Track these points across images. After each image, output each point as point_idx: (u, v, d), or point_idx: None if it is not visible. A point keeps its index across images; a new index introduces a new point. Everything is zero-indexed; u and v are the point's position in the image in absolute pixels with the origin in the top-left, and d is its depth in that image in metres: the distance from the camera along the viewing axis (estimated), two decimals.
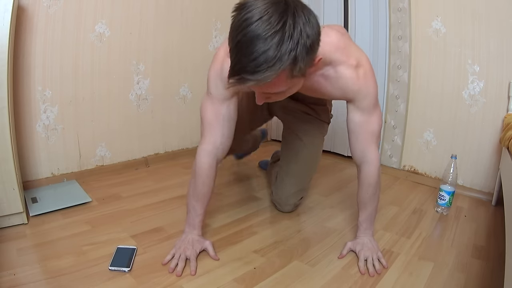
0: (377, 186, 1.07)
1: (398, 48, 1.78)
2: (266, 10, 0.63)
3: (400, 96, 1.82)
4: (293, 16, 0.63)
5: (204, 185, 1.05)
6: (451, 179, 1.41)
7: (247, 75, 0.65)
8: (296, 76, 0.70)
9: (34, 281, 0.91)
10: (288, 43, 0.63)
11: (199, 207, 1.07)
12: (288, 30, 0.62)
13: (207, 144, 1.02)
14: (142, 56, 1.78)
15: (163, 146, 1.99)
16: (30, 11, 1.36)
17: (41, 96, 1.47)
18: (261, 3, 0.64)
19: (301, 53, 0.65)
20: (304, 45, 0.65)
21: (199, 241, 1.07)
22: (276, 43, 0.62)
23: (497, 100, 1.52)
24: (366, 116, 0.99)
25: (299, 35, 0.64)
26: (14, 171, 1.12)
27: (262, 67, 0.63)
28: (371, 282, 0.98)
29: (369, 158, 1.04)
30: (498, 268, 1.05)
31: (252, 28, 0.62)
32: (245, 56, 0.64)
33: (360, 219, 1.12)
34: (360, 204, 1.11)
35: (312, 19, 0.67)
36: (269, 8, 0.63)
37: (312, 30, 0.66)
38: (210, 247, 1.07)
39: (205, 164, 1.03)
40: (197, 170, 1.04)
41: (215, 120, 1.00)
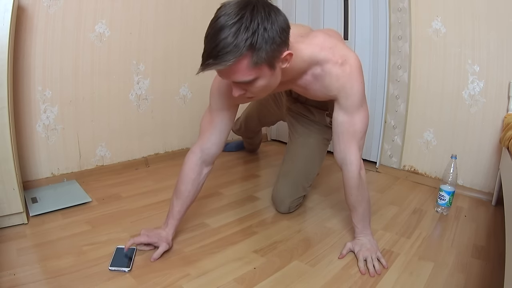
0: (360, 188, 1.06)
1: (398, 48, 1.78)
2: (235, 7, 0.73)
3: (400, 96, 1.82)
4: (251, 11, 0.72)
5: (182, 183, 1.07)
6: (451, 179, 1.41)
7: (211, 60, 0.74)
8: (259, 65, 0.77)
9: (34, 281, 0.91)
10: (244, 32, 0.72)
11: (176, 203, 1.08)
12: (245, 22, 0.71)
13: (195, 146, 1.10)
14: (142, 56, 1.78)
15: (163, 146, 1.99)
16: (30, 11, 1.36)
17: (41, 96, 1.47)
18: (232, 3, 0.74)
19: (259, 42, 0.73)
20: (262, 35, 0.73)
21: (159, 234, 1.06)
22: (233, 32, 0.71)
23: (497, 100, 1.52)
24: (349, 116, 0.99)
25: (256, 27, 0.72)
26: (14, 171, 1.12)
27: (221, 52, 0.72)
28: (371, 282, 0.98)
29: (349, 160, 1.03)
30: (498, 268, 1.05)
31: (218, 21, 0.73)
32: (210, 44, 0.74)
33: (353, 221, 1.13)
34: (350, 206, 1.12)
35: (273, 15, 0.75)
36: (235, 6, 0.73)
37: (270, 24, 0.74)
38: (161, 249, 1.03)
39: (187, 162, 1.09)
40: (181, 168, 1.09)
41: (207, 126, 1.08)
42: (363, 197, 1.08)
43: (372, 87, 1.96)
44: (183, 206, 1.09)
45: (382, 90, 1.91)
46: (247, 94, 0.86)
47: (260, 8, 0.74)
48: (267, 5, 0.76)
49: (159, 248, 1.03)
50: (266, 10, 0.75)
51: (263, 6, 0.75)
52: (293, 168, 1.37)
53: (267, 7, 0.75)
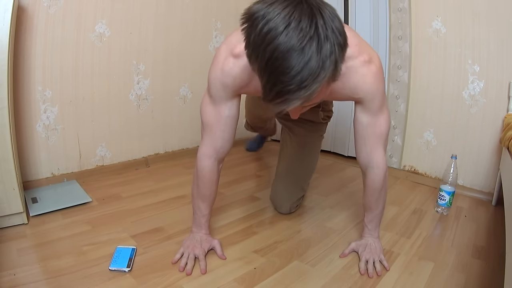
0: (384, 190, 1.05)
1: (398, 48, 1.78)
2: (290, 15, 0.54)
3: (400, 96, 1.82)
4: (321, 15, 0.55)
5: (207, 188, 1.05)
6: (451, 179, 1.41)
7: (292, 95, 0.57)
8: (335, 80, 0.63)
9: (34, 281, 0.91)
10: (327, 46, 0.55)
11: (204, 207, 1.07)
12: (323, 32, 0.55)
13: (207, 148, 1.00)
14: (142, 56, 1.78)
15: (163, 146, 1.99)
16: (30, 11, 1.36)
17: (41, 96, 1.47)
18: (278, 9, 0.55)
19: (339, 53, 0.58)
20: (339, 43, 0.58)
21: (207, 240, 1.08)
22: (315, 51, 0.54)
23: (497, 100, 1.52)
24: (375, 117, 0.94)
25: (332, 34, 0.56)
26: (14, 171, 1.12)
27: (307, 82, 0.56)
28: (371, 282, 0.98)
29: (376, 163, 1.00)
30: (498, 268, 1.05)
31: (282, 40, 0.54)
32: (283, 74, 0.55)
33: (365, 220, 1.12)
34: (366, 206, 1.10)
35: (334, 10, 0.59)
36: (292, 12, 0.54)
37: (339, 23, 0.58)
38: (218, 246, 1.07)
39: (206, 167, 1.02)
40: (199, 174, 1.03)
41: (215, 123, 0.97)
42: (383, 200, 1.07)
43: None
44: (209, 206, 1.09)
45: None
46: (303, 111, 0.75)
47: (321, 5, 0.57)
48: None
49: (216, 248, 1.07)
50: (326, 5, 0.58)
51: (320, 1, 0.58)
52: (291, 170, 1.36)
53: (321, 1, 0.58)
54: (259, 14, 0.56)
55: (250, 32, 0.58)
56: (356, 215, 1.39)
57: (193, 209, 1.10)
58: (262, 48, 0.56)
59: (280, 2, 0.56)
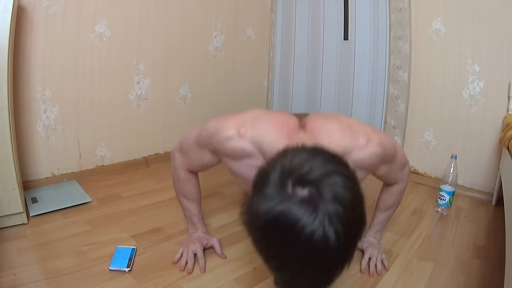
0: (401, 194, 1.07)
1: (398, 48, 1.78)
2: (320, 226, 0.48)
3: (400, 96, 1.82)
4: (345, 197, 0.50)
5: (189, 188, 1.06)
6: (451, 179, 1.41)
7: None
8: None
9: (34, 281, 0.91)
10: (352, 243, 0.52)
11: (192, 207, 1.08)
12: (353, 231, 0.51)
13: (182, 165, 1.02)
14: (142, 56, 1.78)
15: (163, 146, 1.99)
16: (30, 11, 1.36)
17: (41, 96, 1.47)
18: (300, 214, 0.48)
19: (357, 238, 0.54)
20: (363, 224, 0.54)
21: (205, 237, 1.09)
22: (344, 251, 0.51)
23: (497, 100, 1.52)
24: (389, 164, 0.91)
25: (356, 226, 0.52)
26: (14, 171, 1.12)
27: (333, 278, 0.54)
28: (372, 282, 0.98)
29: (401, 179, 1.02)
30: (498, 268, 1.05)
31: (317, 241, 0.48)
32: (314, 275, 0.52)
33: (375, 220, 1.12)
34: (380, 207, 1.10)
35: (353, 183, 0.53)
36: (309, 212, 0.48)
37: (359, 203, 0.53)
38: (217, 245, 1.08)
39: (184, 175, 1.03)
40: (178, 179, 1.05)
41: (194, 158, 0.97)
42: (397, 204, 1.09)
43: (372, 87, 1.96)
44: (197, 205, 1.10)
45: (382, 90, 1.91)
46: None
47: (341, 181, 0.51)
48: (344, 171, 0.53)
49: (216, 246, 1.07)
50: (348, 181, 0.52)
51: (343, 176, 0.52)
52: None
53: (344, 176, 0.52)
54: (282, 211, 0.49)
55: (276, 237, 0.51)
56: None
57: (183, 212, 1.11)
58: (287, 248, 0.50)
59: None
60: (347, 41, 2.01)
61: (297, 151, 0.56)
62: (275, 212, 0.49)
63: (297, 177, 0.51)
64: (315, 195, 0.49)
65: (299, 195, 0.49)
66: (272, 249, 0.53)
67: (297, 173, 0.51)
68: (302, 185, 0.50)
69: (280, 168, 0.52)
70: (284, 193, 0.50)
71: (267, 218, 0.50)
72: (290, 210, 0.48)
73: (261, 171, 0.56)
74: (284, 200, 0.49)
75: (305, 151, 0.56)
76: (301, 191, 0.49)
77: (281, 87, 2.48)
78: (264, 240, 0.53)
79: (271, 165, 0.54)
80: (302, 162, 0.52)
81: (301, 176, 0.50)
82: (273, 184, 0.51)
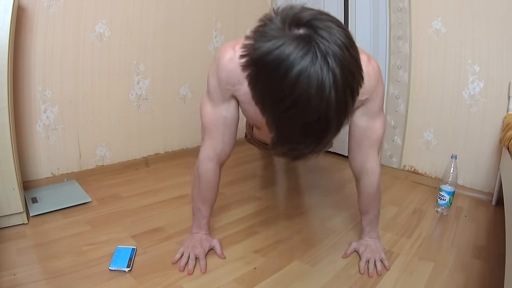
0: (378, 192, 1.06)
1: (398, 48, 1.78)
2: (303, 56, 0.50)
3: (400, 96, 1.82)
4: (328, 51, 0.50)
5: (208, 190, 1.05)
6: (451, 179, 1.41)
7: (307, 156, 0.57)
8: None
9: (34, 281, 0.91)
10: (349, 89, 0.53)
11: (205, 209, 1.08)
12: (348, 74, 0.52)
13: (209, 150, 0.99)
14: (142, 56, 1.78)
15: (163, 146, 1.99)
16: (30, 11, 1.36)
17: (41, 96, 1.47)
18: (289, 46, 0.50)
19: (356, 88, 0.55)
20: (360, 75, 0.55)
21: (207, 239, 1.08)
22: (342, 97, 0.51)
23: (497, 100, 1.52)
24: (372, 121, 0.92)
25: (352, 73, 0.53)
26: (14, 171, 1.12)
27: (333, 134, 0.55)
28: (372, 282, 0.98)
29: (370, 168, 0.99)
30: (498, 268, 1.05)
31: (305, 89, 0.49)
32: (313, 128, 0.53)
33: (363, 223, 1.12)
34: (362, 210, 1.10)
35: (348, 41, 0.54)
36: (304, 51, 0.50)
37: (352, 59, 0.53)
38: (218, 246, 1.08)
39: (208, 170, 1.01)
40: (201, 176, 1.03)
41: (214, 126, 0.95)
42: (378, 202, 1.08)
43: None
44: (210, 208, 1.09)
45: None
46: None
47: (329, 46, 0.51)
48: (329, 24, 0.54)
49: (216, 247, 1.07)
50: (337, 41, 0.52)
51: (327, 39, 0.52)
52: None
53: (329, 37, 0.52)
54: (276, 54, 0.51)
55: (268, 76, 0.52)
56: (356, 215, 1.38)
57: (193, 211, 1.10)
58: (280, 97, 0.52)
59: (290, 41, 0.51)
60: None
61: (297, 6, 0.58)
62: (270, 46, 0.51)
63: (294, 19, 0.53)
64: (312, 33, 0.51)
65: (295, 33, 0.52)
66: (268, 89, 0.53)
67: (294, 16, 0.53)
68: (298, 25, 0.52)
69: (281, 13, 0.55)
70: (281, 31, 0.52)
71: (261, 52, 0.52)
72: (284, 46, 0.50)
73: (264, 16, 0.57)
74: (280, 37, 0.51)
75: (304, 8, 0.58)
76: (297, 30, 0.52)
77: None
78: (259, 77, 0.54)
79: (273, 12, 0.56)
80: (301, 11, 0.54)
81: (298, 18, 0.53)
82: (273, 25, 0.53)
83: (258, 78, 0.55)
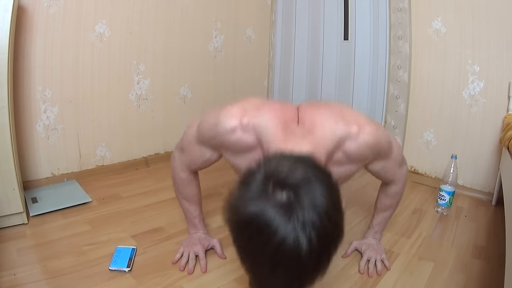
0: (401, 195, 1.06)
1: (398, 48, 1.78)
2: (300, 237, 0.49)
3: (400, 96, 1.82)
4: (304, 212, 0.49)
5: (190, 189, 1.05)
6: (451, 179, 1.41)
7: None
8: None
9: (34, 281, 0.91)
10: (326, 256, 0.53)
11: (193, 208, 1.08)
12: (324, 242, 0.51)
13: (181, 164, 1.00)
14: (142, 56, 1.78)
15: (163, 146, 1.99)
16: (30, 11, 1.36)
17: (41, 96, 1.47)
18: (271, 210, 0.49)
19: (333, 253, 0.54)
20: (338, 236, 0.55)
21: (206, 238, 1.09)
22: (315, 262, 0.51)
23: (497, 100, 1.52)
24: (386, 159, 0.90)
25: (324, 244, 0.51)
26: (14, 171, 1.12)
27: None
28: (371, 282, 0.98)
29: (398, 179, 1.00)
30: (498, 268, 1.05)
31: (288, 251, 0.49)
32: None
33: (374, 222, 1.12)
34: (378, 208, 1.10)
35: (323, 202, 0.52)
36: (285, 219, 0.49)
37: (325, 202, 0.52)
38: (218, 245, 1.08)
39: (184, 177, 1.02)
40: (178, 181, 1.03)
41: (194, 155, 0.95)
42: (397, 204, 1.09)
43: (372, 87, 1.96)
44: (198, 207, 1.09)
45: (382, 90, 1.91)
46: None
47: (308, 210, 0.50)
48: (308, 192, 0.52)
49: (216, 247, 1.07)
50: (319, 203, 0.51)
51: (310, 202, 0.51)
52: None
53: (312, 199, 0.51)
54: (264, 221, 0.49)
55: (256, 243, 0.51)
56: (356, 215, 1.38)
57: (184, 213, 1.10)
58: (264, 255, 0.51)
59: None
60: (347, 41, 2.01)
61: (284, 157, 0.58)
62: (251, 211, 0.50)
63: (278, 180, 0.52)
64: (293, 200, 0.50)
65: (277, 198, 0.50)
66: (247, 247, 0.54)
67: (279, 176, 0.52)
68: (281, 188, 0.51)
69: (264, 171, 0.54)
70: (264, 194, 0.51)
71: (243, 216, 0.51)
72: (266, 212, 0.49)
73: (248, 170, 0.57)
74: (262, 200, 0.50)
75: (291, 159, 0.57)
76: (280, 194, 0.50)
77: (281, 87, 2.48)
78: (239, 237, 0.54)
79: (258, 166, 0.56)
80: (286, 167, 0.54)
81: (282, 180, 0.52)
82: (255, 184, 0.53)
83: (239, 236, 0.54)
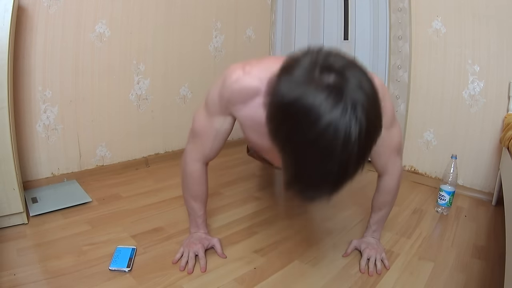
0: (395, 193, 1.07)
1: (398, 48, 1.78)
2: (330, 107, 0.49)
3: (400, 96, 1.82)
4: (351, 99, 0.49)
5: (198, 188, 1.06)
6: (451, 179, 1.41)
7: (321, 199, 0.57)
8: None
9: (34, 281, 0.91)
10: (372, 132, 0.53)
11: (198, 207, 1.08)
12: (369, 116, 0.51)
13: (195, 153, 1.01)
14: (142, 56, 1.78)
15: (163, 146, 1.99)
16: (30, 11, 1.36)
17: (41, 96, 1.47)
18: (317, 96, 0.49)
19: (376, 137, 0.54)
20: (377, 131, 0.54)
21: (206, 238, 1.09)
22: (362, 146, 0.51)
23: (497, 100, 1.52)
24: (387, 131, 0.91)
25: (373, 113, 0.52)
26: (14, 171, 1.12)
27: (354, 173, 0.55)
28: (372, 282, 0.98)
29: (391, 170, 1.02)
30: (498, 268, 1.05)
31: (334, 136, 0.49)
32: (337, 167, 0.52)
33: (371, 221, 1.12)
34: (374, 207, 1.10)
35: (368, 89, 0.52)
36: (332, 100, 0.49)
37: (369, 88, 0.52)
38: (218, 245, 1.08)
39: (196, 171, 1.03)
40: (189, 177, 1.04)
41: (205, 133, 0.96)
42: (392, 203, 1.09)
43: None
44: (203, 206, 1.09)
45: None
46: None
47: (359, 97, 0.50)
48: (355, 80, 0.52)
49: (216, 246, 1.07)
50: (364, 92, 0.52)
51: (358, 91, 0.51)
52: None
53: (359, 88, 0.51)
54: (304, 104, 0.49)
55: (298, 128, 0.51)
56: (356, 215, 1.39)
57: (188, 211, 1.10)
58: (306, 143, 0.51)
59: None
60: (347, 41, 2.00)
61: (321, 51, 0.57)
62: (300, 93, 0.50)
63: (325, 64, 0.52)
64: (342, 81, 0.50)
65: (325, 80, 0.50)
66: (293, 132, 0.51)
67: (324, 61, 0.52)
68: (328, 71, 0.51)
69: (310, 57, 0.54)
70: (311, 77, 0.51)
71: (290, 97, 0.51)
72: (315, 93, 0.49)
73: (292, 55, 0.56)
74: (311, 83, 0.50)
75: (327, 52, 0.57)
76: (327, 77, 0.50)
77: None
78: (285, 123, 0.52)
79: (302, 53, 0.55)
80: (328, 55, 0.54)
81: (329, 65, 0.52)
82: (301, 68, 0.52)
83: (284, 121, 0.53)
